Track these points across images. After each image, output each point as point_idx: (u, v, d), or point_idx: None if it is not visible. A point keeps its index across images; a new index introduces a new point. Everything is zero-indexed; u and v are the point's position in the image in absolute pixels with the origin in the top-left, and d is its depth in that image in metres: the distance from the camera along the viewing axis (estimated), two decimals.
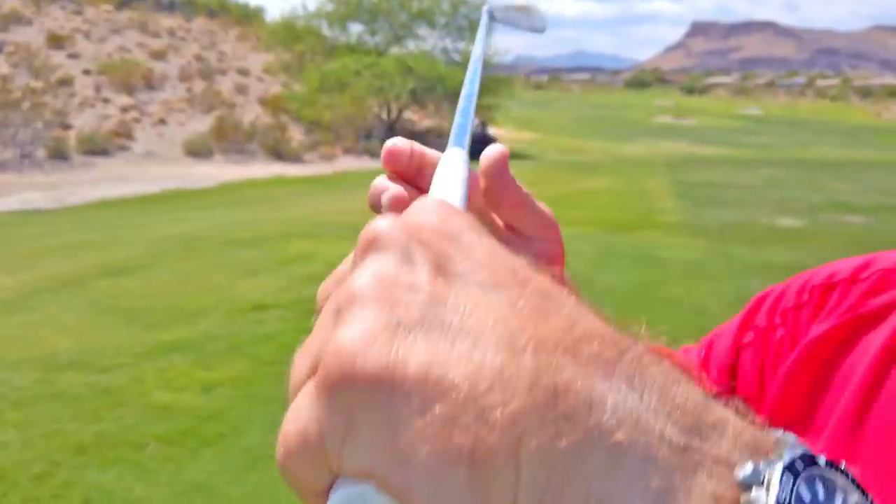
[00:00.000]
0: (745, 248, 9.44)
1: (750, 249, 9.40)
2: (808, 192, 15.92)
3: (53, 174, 19.95)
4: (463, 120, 0.48)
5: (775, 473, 0.19)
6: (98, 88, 27.13)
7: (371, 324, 0.19)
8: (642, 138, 49.58)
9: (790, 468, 0.19)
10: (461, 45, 37.24)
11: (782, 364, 0.52)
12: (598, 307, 0.23)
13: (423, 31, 37.31)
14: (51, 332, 5.22)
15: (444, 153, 0.42)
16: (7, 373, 4.45)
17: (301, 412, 0.19)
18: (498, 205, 0.44)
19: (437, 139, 36.36)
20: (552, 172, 21.78)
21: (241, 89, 32.58)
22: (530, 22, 1.01)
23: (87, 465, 3.41)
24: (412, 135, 35.52)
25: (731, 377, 0.61)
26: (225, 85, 32.00)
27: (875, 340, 0.44)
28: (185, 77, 30.90)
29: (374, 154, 29.95)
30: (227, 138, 25.20)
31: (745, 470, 0.19)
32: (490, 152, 0.43)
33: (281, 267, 7.34)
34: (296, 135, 28.56)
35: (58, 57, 28.82)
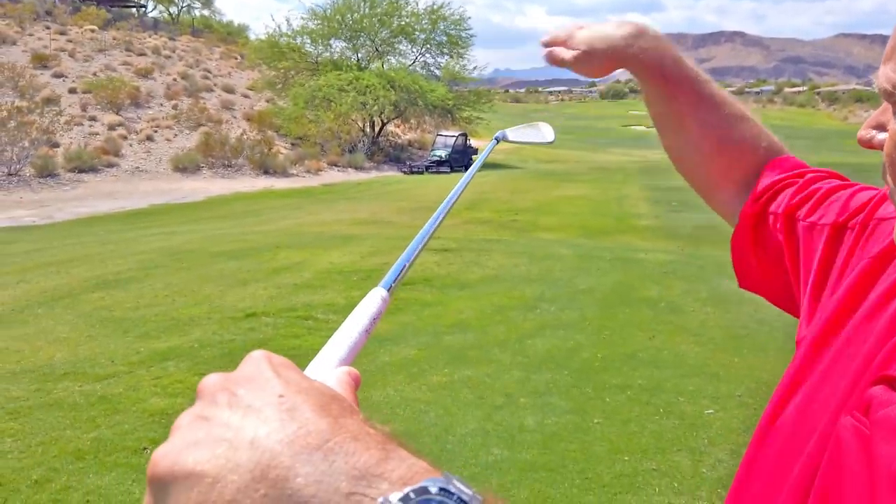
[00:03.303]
0: (718, 250, 9.61)
1: (722, 251, 9.50)
2: None
3: (41, 192, 19.91)
4: (401, 263, 0.61)
5: (393, 501, 0.30)
6: (84, 107, 27.10)
7: (172, 444, 0.32)
8: (618, 147, 50.12)
9: (405, 497, 0.30)
10: (441, 59, 37.59)
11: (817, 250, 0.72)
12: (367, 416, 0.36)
13: (403, 47, 37.63)
14: (46, 344, 5.27)
15: (371, 292, 0.55)
16: (3, 384, 4.49)
17: (144, 495, 0.33)
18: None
19: (418, 151, 36.44)
20: (532, 181, 21.97)
21: (227, 105, 32.64)
22: (541, 136, 1.18)
23: (86, 470, 3.45)
24: (395, 147, 35.66)
25: (762, 212, 0.81)
26: (211, 102, 32.04)
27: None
28: (170, 94, 30.92)
29: (358, 167, 30.07)
30: (214, 153, 25.24)
31: (378, 501, 0.30)
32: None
33: (270, 276, 7.44)
34: (281, 149, 28.65)
35: (43, 76, 28.78)
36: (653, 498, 3.20)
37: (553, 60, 0.87)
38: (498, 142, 1.13)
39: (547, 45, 0.88)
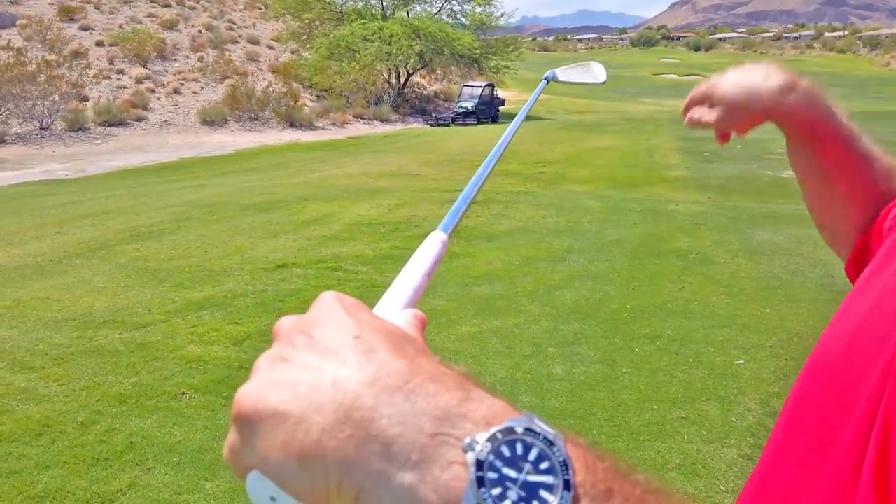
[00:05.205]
0: (750, 201, 9.48)
1: (754, 201, 9.43)
2: None
3: (73, 145, 20.14)
4: (459, 206, 0.61)
5: (480, 441, 0.29)
6: (112, 60, 27.15)
7: (255, 384, 0.33)
8: (649, 96, 49.05)
9: (492, 437, 0.29)
10: (468, 7, 36.73)
11: None
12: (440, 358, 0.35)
13: None
14: (85, 293, 5.41)
15: (430, 235, 0.55)
16: (46, 331, 4.64)
17: (229, 433, 0.33)
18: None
19: (444, 102, 35.96)
20: (560, 132, 21.62)
21: (252, 57, 32.45)
22: (592, 76, 1.15)
23: (128, 413, 3.58)
24: (421, 98, 35.17)
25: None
26: (236, 54, 31.88)
27: None
28: (196, 47, 30.81)
29: (383, 119, 29.85)
30: (241, 106, 25.22)
31: (465, 441, 0.29)
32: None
33: (299, 229, 7.51)
34: (307, 101, 28.52)
35: (70, 29, 28.83)
36: (681, 445, 3.23)
37: (694, 125, 0.84)
38: (548, 82, 1.11)
39: (686, 108, 0.85)
